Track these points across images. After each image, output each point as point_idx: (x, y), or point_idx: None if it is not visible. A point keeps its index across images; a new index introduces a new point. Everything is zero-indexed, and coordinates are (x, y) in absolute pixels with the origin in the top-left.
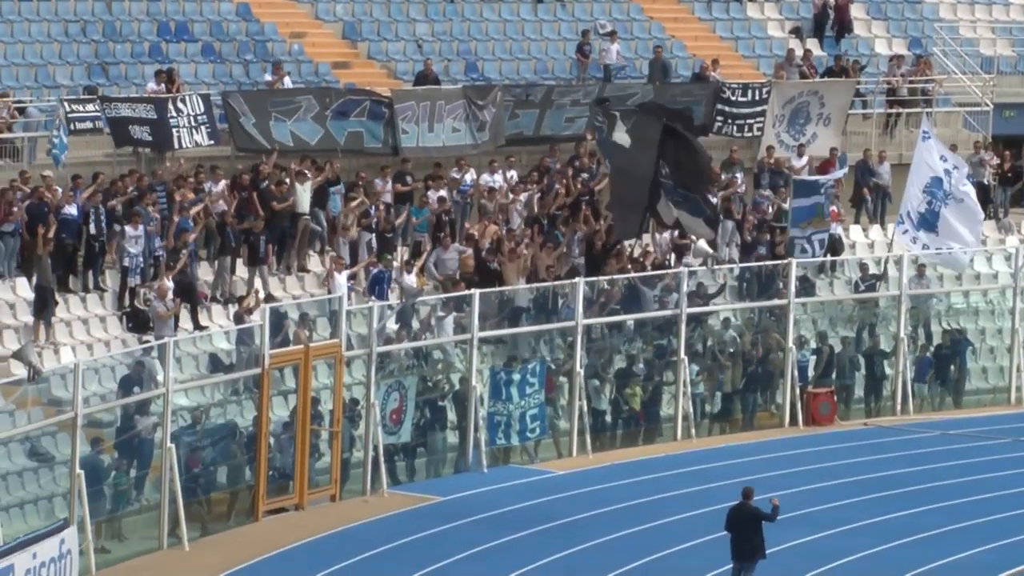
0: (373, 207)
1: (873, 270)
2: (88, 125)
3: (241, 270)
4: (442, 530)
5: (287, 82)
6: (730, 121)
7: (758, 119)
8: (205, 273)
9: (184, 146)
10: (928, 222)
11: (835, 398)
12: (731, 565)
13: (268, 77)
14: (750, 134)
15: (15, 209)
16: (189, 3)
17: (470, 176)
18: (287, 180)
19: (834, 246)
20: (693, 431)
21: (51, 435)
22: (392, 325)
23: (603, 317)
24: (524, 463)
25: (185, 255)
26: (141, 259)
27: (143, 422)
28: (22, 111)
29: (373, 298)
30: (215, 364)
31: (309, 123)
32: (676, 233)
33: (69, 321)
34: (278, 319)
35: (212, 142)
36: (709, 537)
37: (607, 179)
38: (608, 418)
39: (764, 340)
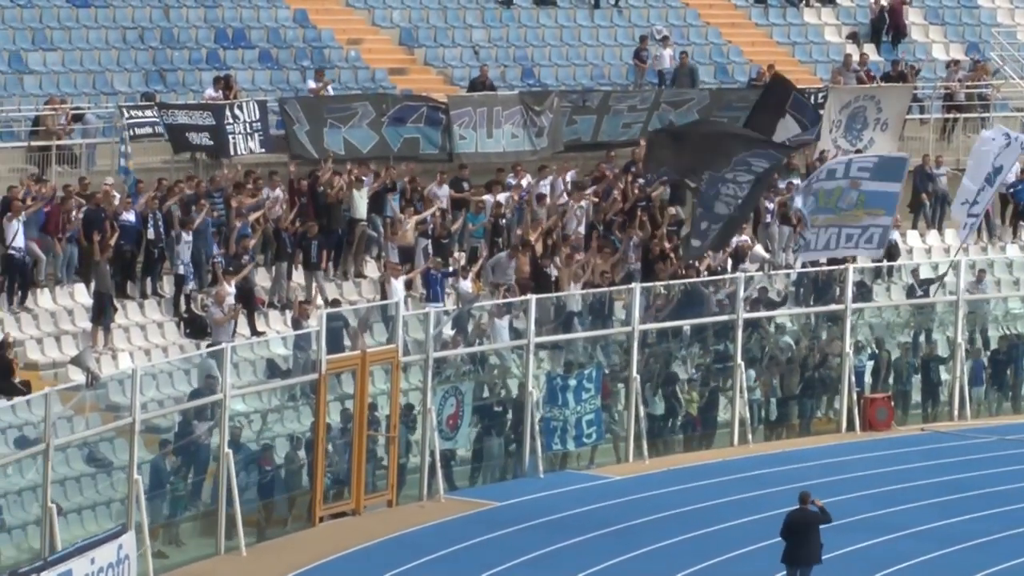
0: (430, 214)
1: (927, 274)
2: (147, 131)
3: (298, 276)
4: (498, 535)
5: (329, 90)
6: None
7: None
8: (262, 279)
9: (239, 152)
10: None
11: (892, 403)
12: (784, 572)
13: (312, 84)
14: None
15: (73, 216)
16: (246, 9)
17: (526, 182)
18: (343, 186)
19: (891, 251)
20: (750, 436)
21: (109, 441)
22: (448, 331)
23: (659, 323)
24: (581, 468)
25: (247, 262)
26: (192, 266)
27: (200, 427)
28: (80, 118)
29: (428, 303)
30: (272, 370)
31: (364, 130)
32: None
33: (127, 327)
34: (336, 325)
35: (263, 150)
36: (765, 543)
37: (664, 187)
38: (665, 423)
39: (821, 345)
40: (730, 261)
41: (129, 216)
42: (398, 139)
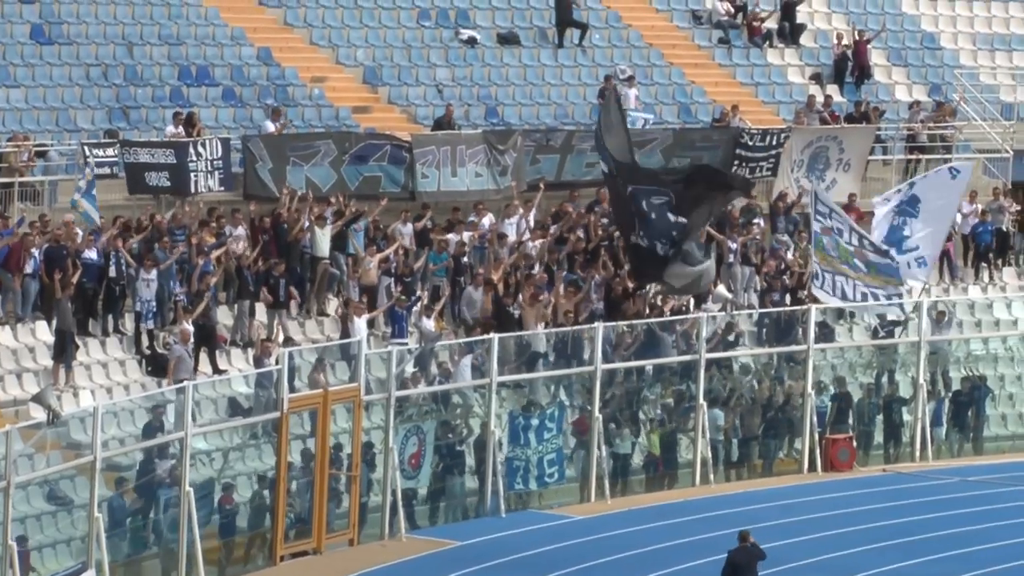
0: (392, 251)
1: (892, 317)
2: (107, 171)
3: (261, 314)
4: (460, 575)
5: (291, 126)
6: (744, 164)
7: (769, 160)
8: (224, 317)
9: (199, 190)
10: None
11: (854, 444)
12: None
13: (271, 127)
14: (760, 175)
15: (34, 252)
16: (210, 47)
17: (487, 220)
18: (307, 223)
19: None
20: (712, 476)
21: (70, 479)
22: (410, 369)
23: (622, 362)
24: (543, 508)
25: (207, 299)
26: (154, 303)
27: (162, 466)
28: (42, 155)
29: (393, 339)
30: (234, 408)
31: (325, 168)
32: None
33: (88, 365)
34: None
35: (222, 188)
36: None
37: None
38: (629, 462)
39: (783, 385)
40: (692, 301)
41: (91, 254)
42: (357, 177)
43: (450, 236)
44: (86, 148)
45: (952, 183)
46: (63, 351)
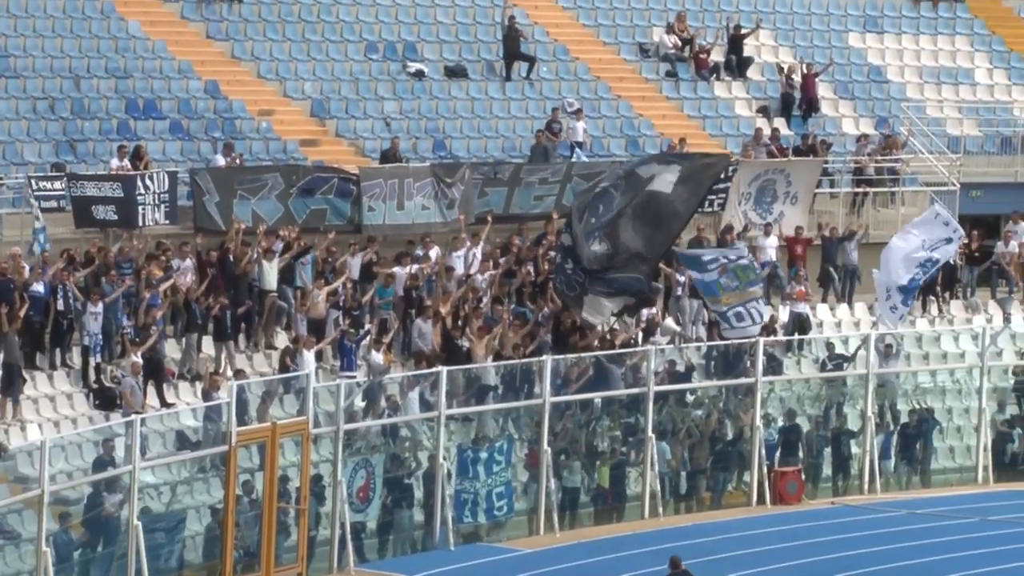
0: (341, 286)
1: (840, 349)
2: (53, 204)
3: (208, 347)
4: None
5: (238, 163)
6: None
7: (719, 195)
8: (172, 350)
9: (147, 223)
10: (909, 293)
11: (803, 477)
12: None
13: (221, 161)
14: (711, 209)
15: None
16: (157, 80)
17: (435, 253)
18: (255, 256)
19: (802, 325)
20: (660, 509)
21: (17, 512)
22: (359, 403)
23: (570, 395)
24: (492, 541)
25: (155, 332)
26: (101, 337)
27: (110, 500)
28: None
29: (342, 372)
30: (182, 441)
31: (272, 201)
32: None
33: (36, 398)
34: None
35: (168, 221)
36: None
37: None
38: (579, 496)
39: (731, 418)
40: (640, 334)
41: (38, 287)
42: (304, 210)
43: (396, 269)
44: (33, 181)
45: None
46: (10, 384)
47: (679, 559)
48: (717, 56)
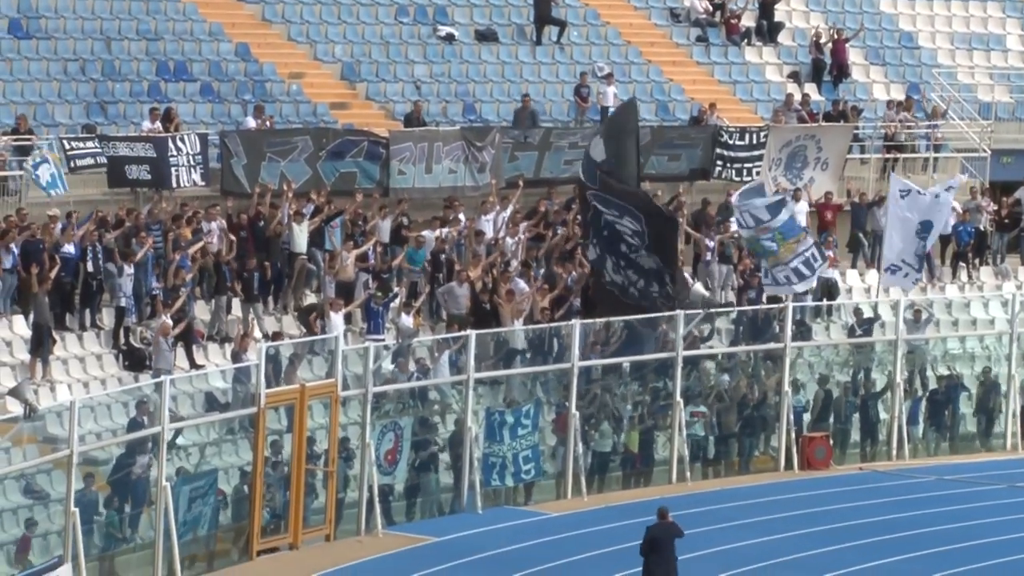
0: (371, 248)
1: (868, 314)
2: (89, 162)
3: (237, 309)
4: (436, 570)
5: (268, 126)
6: (728, 165)
7: (756, 163)
8: (201, 312)
9: (182, 184)
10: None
11: (831, 442)
12: None
13: (252, 123)
14: (749, 178)
15: (12, 247)
16: (188, 43)
17: (462, 216)
18: (285, 219)
19: (831, 290)
20: (688, 474)
21: (46, 472)
22: (388, 365)
23: (599, 359)
24: (519, 504)
25: (184, 293)
26: (134, 298)
27: (139, 460)
28: (27, 151)
29: (369, 335)
30: (211, 403)
31: (300, 164)
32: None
33: (66, 359)
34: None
35: (204, 183)
36: None
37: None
38: (608, 460)
39: (760, 383)
40: None
41: (69, 248)
42: (333, 173)
43: (426, 232)
44: (65, 142)
45: (939, 202)
46: (40, 345)
47: (666, 510)
48: (748, 21)
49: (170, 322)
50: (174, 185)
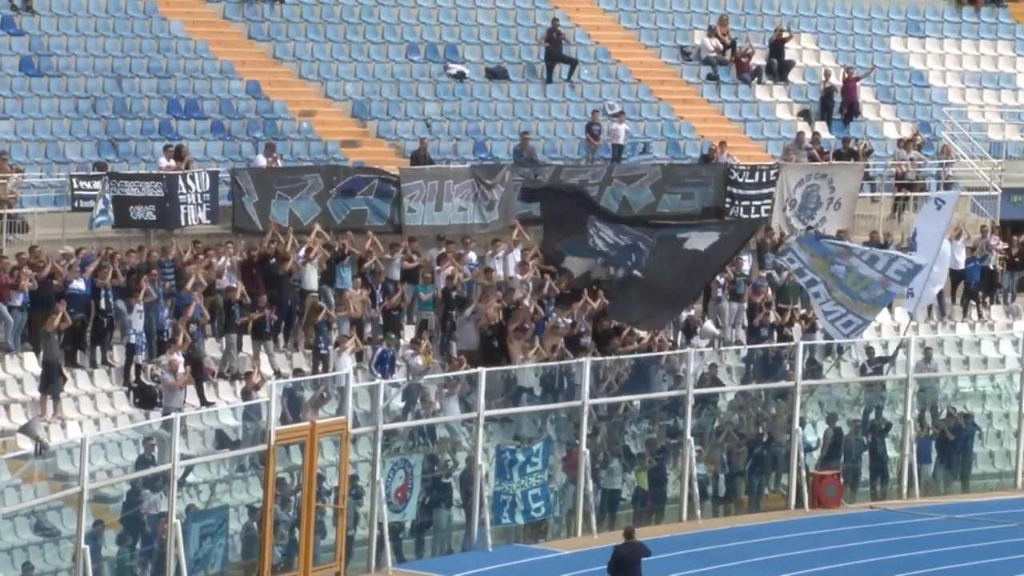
0: (379, 286)
1: (880, 354)
2: (90, 204)
3: (248, 347)
4: None
5: (279, 163)
6: (738, 202)
7: (766, 200)
8: (212, 349)
9: (189, 223)
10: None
11: (841, 480)
12: None
13: (263, 161)
14: (757, 215)
15: (24, 284)
16: (199, 80)
17: (474, 255)
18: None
19: None
20: (699, 512)
21: (57, 510)
22: (398, 403)
23: (609, 397)
24: (529, 542)
25: (196, 332)
26: (144, 336)
27: (150, 498)
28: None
29: (379, 375)
30: (221, 440)
31: (310, 201)
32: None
33: (76, 396)
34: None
35: (209, 221)
36: None
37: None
38: (618, 498)
39: (770, 422)
40: (681, 336)
41: (79, 284)
42: (344, 211)
43: (437, 269)
44: (74, 180)
45: (938, 214)
46: (49, 382)
47: (632, 528)
48: (758, 59)
49: (179, 359)
50: (182, 223)
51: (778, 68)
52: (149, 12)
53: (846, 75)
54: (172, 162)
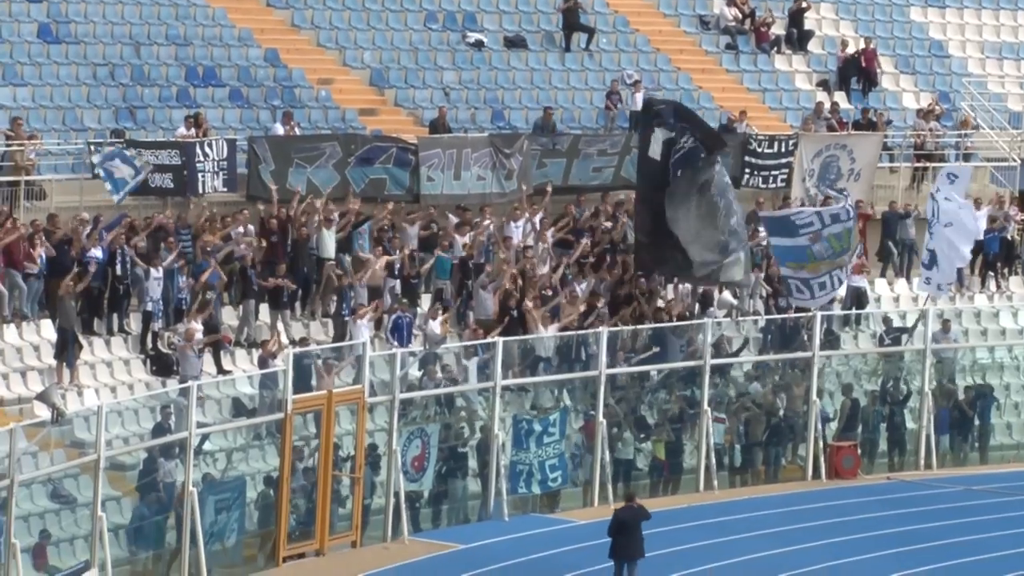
0: (398, 252)
1: (898, 324)
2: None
3: (265, 315)
4: None
5: (296, 132)
6: (756, 172)
7: (783, 171)
8: (229, 317)
9: (206, 191)
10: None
11: (859, 451)
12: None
13: (280, 129)
14: (775, 185)
15: (40, 251)
16: (217, 48)
17: (489, 223)
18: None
19: (859, 298)
20: (715, 482)
21: (73, 477)
22: (415, 372)
23: (626, 368)
24: (546, 511)
25: (211, 298)
26: (161, 303)
27: (165, 466)
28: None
29: (395, 344)
30: (238, 409)
31: (328, 170)
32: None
33: (93, 364)
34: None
35: (226, 189)
36: None
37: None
38: (634, 468)
39: (788, 392)
40: (697, 306)
41: (96, 252)
42: (363, 180)
43: (455, 237)
44: (92, 147)
45: (951, 187)
46: (64, 349)
47: (632, 492)
48: (777, 29)
49: (197, 326)
50: (199, 191)
51: (797, 38)
52: None
53: (864, 45)
54: (191, 131)
